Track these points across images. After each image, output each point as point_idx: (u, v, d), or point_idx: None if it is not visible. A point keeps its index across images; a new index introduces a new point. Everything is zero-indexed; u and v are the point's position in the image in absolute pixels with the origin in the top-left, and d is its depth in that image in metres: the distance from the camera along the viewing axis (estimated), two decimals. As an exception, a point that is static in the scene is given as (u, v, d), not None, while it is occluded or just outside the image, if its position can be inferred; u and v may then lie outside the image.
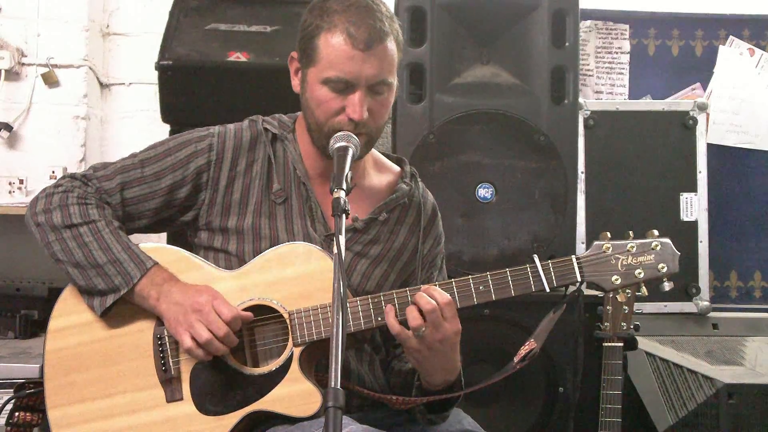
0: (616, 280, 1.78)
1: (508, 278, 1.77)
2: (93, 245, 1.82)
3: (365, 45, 1.78)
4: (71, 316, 1.87)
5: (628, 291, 2.55)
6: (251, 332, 1.83)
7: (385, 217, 1.96)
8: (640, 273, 1.77)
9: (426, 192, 2.08)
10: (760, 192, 3.71)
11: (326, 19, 1.80)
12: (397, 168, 2.07)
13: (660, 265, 1.77)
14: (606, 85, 3.76)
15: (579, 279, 1.78)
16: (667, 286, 1.80)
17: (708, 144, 3.45)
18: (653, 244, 1.78)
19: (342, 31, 1.78)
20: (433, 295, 1.71)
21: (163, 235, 2.52)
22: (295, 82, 1.92)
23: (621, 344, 2.56)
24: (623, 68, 3.76)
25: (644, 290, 1.83)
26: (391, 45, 1.83)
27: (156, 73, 2.87)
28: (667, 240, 1.79)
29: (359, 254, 1.94)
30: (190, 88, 2.88)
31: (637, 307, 2.62)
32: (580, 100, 3.23)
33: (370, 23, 1.79)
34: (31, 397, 2.03)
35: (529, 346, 1.82)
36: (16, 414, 2.03)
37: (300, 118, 1.98)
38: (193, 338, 1.73)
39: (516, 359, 1.82)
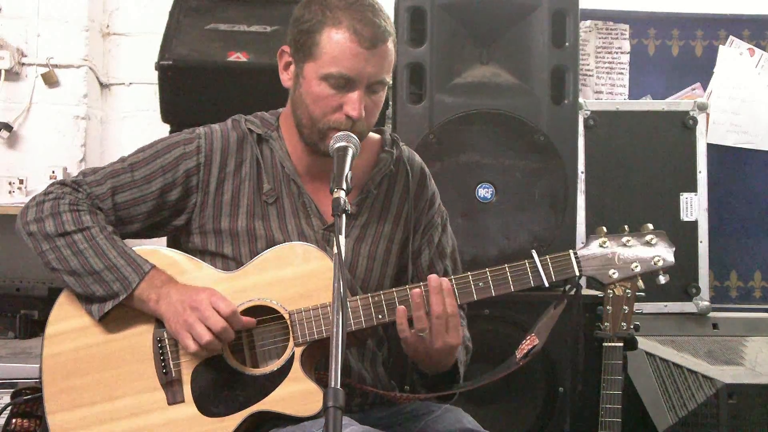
0: (614, 273, 1.80)
1: (507, 274, 1.78)
2: (88, 252, 1.81)
3: (370, 43, 1.78)
4: (68, 321, 1.86)
5: (628, 290, 2.55)
6: (251, 333, 1.83)
7: (375, 194, 1.96)
8: (636, 266, 1.80)
9: (412, 154, 2.07)
10: (760, 192, 3.72)
11: (329, 15, 1.79)
12: (376, 136, 2.04)
13: (656, 258, 1.80)
14: (606, 85, 3.76)
15: (577, 273, 1.80)
16: (663, 279, 1.82)
17: (708, 144, 3.45)
18: (648, 237, 1.81)
19: (348, 27, 1.77)
20: (445, 302, 1.73)
21: (162, 239, 2.51)
22: (285, 77, 1.91)
23: (621, 344, 2.55)
24: (623, 68, 3.76)
25: (641, 283, 1.84)
26: (392, 46, 1.83)
27: (156, 73, 2.87)
28: (662, 233, 1.81)
29: (358, 239, 1.94)
30: (190, 88, 2.88)
31: (637, 307, 2.60)
32: (580, 100, 3.23)
33: (376, 22, 1.79)
34: (28, 403, 2.01)
35: (531, 342, 1.83)
36: (13, 421, 2.01)
37: (285, 114, 1.97)
38: (195, 339, 1.73)
39: (518, 355, 1.83)
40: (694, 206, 3.38)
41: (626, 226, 1.84)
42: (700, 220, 3.38)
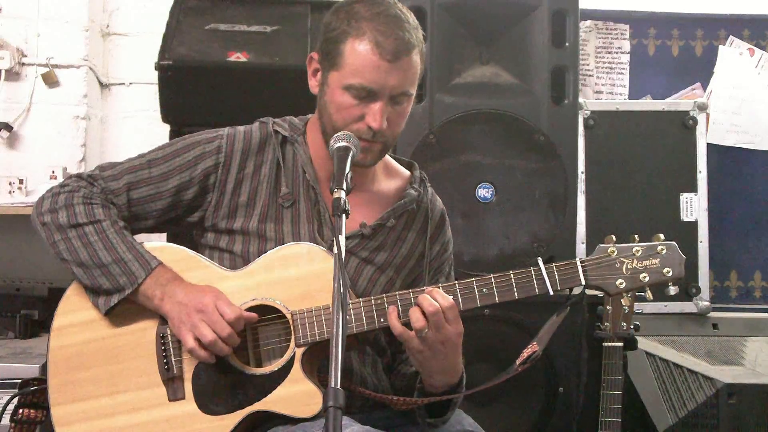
0: (621, 284, 1.75)
1: (512, 281, 1.76)
2: (98, 245, 1.82)
3: (392, 56, 1.77)
4: (75, 314, 1.87)
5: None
6: (254, 332, 1.83)
7: (393, 223, 1.96)
8: (645, 277, 1.75)
9: (435, 197, 2.08)
10: (760, 192, 3.72)
11: (354, 25, 1.79)
12: (407, 172, 2.06)
13: (665, 270, 1.75)
14: (606, 85, 3.76)
15: (583, 282, 1.76)
16: (673, 290, 1.77)
17: (708, 144, 3.45)
18: (659, 247, 1.75)
19: (370, 39, 1.77)
20: (436, 298, 1.71)
21: (163, 234, 2.51)
22: (313, 83, 1.91)
23: (621, 344, 2.56)
24: (623, 68, 3.76)
25: (649, 294, 1.80)
26: (416, 57, 1.82)
27: (156, 73, 2.87)
28: (673, 244, 1.76)
29: (365, 260, 1.93)
30: (190, 88, 2.88)
31: (637, 307, 2.62)
32: (580, 100, 3.23)
33: (399, 34, 1.78)
34: (35, 394, 2.03)
35: (532, 348, 1.81)
36: (21, 411, 2.03)
37: (312, 120, 1.97)
38: (197, 339, 1.73)
39: (518, 362, 1.82)
40: (694, 206, 3.38)
41: (636, 236, 1.80)
42: (700, 220, 3.38)
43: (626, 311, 2.56)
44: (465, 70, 2.87)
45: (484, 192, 2.83)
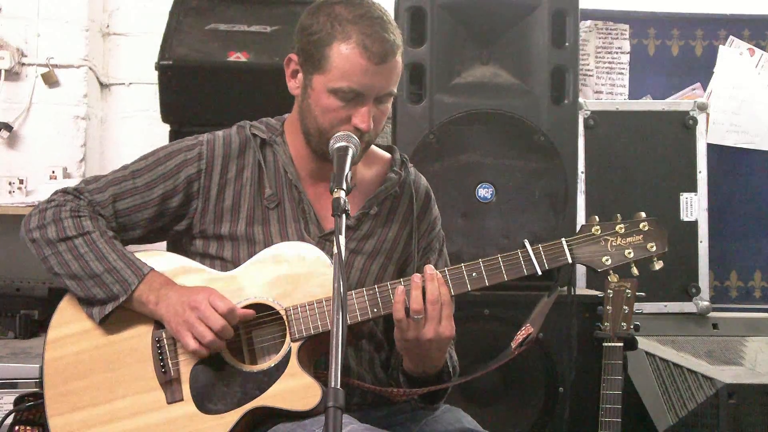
0: (607, 260, 1.80)
1: (500, 263, 1.79)
2: (89, 256, 1.83)
3: (380, 59, 1.78)
4: (69, 326, 1.87)
5: (628, 291, 2.56)
6: (249, 331, 1.84)
7: (377, 210, 1.97)
8: (629, 253, 1.80)
9: (418, 177, 2.08)
10: (760, 192, 3.72)
11: (338, 28, 1.79)
12: (387, 155, 2.06)
13: (649, 245, 1.80)
14: (606, 85, 3.76)
15: (570, 260, 1.80)
16: (657, 265, 1.82)
17: (708, 144, 3.45)
18: (642, 224, 1.82)
19: (357, 43, 1.77)
20: (440, 291, 1.73)
21: (163, 243, 2.51)
22: (293, 84, 1.91)
23: (621, 344, 2.56)
24: (623, 68, 3.76)
25: (635, 270, 1.83)
26: (399, 58, 1.84)
27: (156, 73, 2.87)
28: (654, 219, 1.82)
29: (354, 251, 1.94)
30: (190, 88, 2.88)
31: (637, 307, 2.62)
32: (580, 100, 3.23)
33: (384, 36, 1.79)
34: (30, 410, 2.02)
35: (526, 331, 1.83)
36: (16, 428, 2.02)
37: (290, 120, 1.98)
38: (196, 339, 1.74)
39: (513, 345, 1.83)
40: (694, 206, 3.38)
41: (618, 215, 1.85)
42: (700, 220, 3.38)
43: (626, 311, 2.56)
44: (465, 70, 2.87)
45: (484, 192, 2.83)
